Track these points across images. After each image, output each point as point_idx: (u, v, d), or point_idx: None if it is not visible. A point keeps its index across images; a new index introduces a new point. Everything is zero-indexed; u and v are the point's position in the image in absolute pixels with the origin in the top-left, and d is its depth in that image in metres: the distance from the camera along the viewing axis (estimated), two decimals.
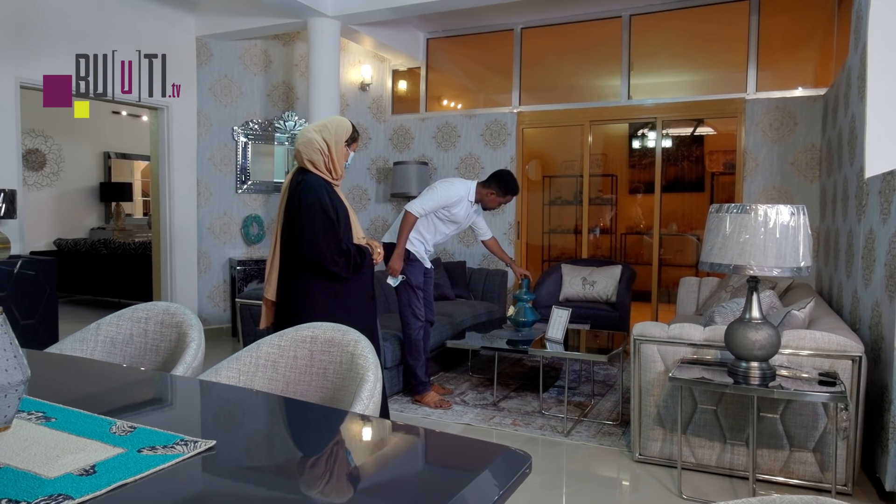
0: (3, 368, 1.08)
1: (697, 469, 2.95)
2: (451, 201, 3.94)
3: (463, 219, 4.06)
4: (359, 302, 2.79)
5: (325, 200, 2.65)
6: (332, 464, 1.18)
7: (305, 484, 1.08)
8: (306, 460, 1.19)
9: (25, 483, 0.91)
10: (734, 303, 3.31)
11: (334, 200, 2.70)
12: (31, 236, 7.25)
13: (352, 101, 6.52)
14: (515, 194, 4.08)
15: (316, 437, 1.32)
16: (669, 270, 7.19)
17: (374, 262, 2.84)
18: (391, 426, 1.45)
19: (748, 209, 2.48)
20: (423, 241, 3.98)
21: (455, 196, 3.95)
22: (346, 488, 1.06)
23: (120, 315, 2.21)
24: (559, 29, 6.07)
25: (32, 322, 4.26)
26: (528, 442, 3.38)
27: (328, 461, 1.20)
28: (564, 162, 7.90)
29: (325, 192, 2.68)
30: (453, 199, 3.94)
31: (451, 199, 3.93)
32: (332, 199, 2.69)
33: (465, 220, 4.08)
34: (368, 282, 2.84)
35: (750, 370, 2.59)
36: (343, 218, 2.71)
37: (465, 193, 3.99)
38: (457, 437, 1.29)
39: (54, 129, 8.25)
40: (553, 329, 3.91)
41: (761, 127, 5.22)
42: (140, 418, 1.22)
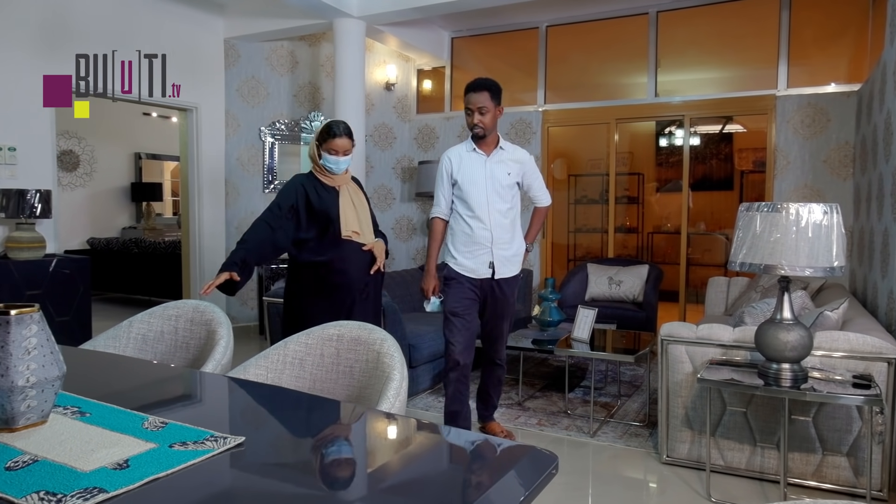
0: (41, 364, 1.11)
1: (726, 472, 2.90)
2: (447, 168, 3.11)
3: (479, 181, 3.04)
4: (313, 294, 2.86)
5: (286, 191, 2.85)
6: (358, 461, 1.19)
7: (332, 481, 1.09)
8: (333, 458, 1.20)
9: (62, 476, 0.93)
10: (765, 303, 3.25)
11: (308, 192, 2.84)
12: (66, 235, 7.43)
13: (377, 100, 6.55)
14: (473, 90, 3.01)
15: (342, 434, 1.33)
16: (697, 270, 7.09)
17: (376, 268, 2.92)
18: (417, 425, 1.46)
19: (779, 208, 2.43)
20: (455, 248, 3.11)
21: (446, 159, 3.12)
22: (372, 486, 1.06)
23: (151, 313, 2.25)
24: (585, 27, 6.02)
25: (67, 319, 4.37)
26: (554, 442, 3.36)
27: (354, 459, 1.21)
28: (590, 160, 7.84)
29: (299, 183, 2.87)
30: (446, 161, 3.12)
31: (445, 165, 3.11)
32: (308, 190, 2.85)
33: (484, 184, 3.04)
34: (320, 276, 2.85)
35: (781, 372, 2.54)
36: (316, 207, 2.82)
37: (457, 147, 3.16)
38: (483, 437, 1.29)
39: (87, 130, 8.43)
40: (579, 329, 3.88)
41: (792, 124, 5.11)
42: (171, 414, 1.24)
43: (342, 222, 2.84)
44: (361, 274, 2.89)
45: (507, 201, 3.10)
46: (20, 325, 1.10)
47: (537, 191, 3.28)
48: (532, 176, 3.22)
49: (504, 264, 3.12)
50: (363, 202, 3.00)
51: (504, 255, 3.10)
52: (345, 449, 1.25)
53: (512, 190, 3.12)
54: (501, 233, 3.08)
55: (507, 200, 3.10)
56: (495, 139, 3.11)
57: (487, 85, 3.01)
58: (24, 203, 4.23)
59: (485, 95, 2.98)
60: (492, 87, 3.01)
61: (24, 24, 4.43)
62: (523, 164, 3.16)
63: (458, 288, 3.09)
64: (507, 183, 3.09)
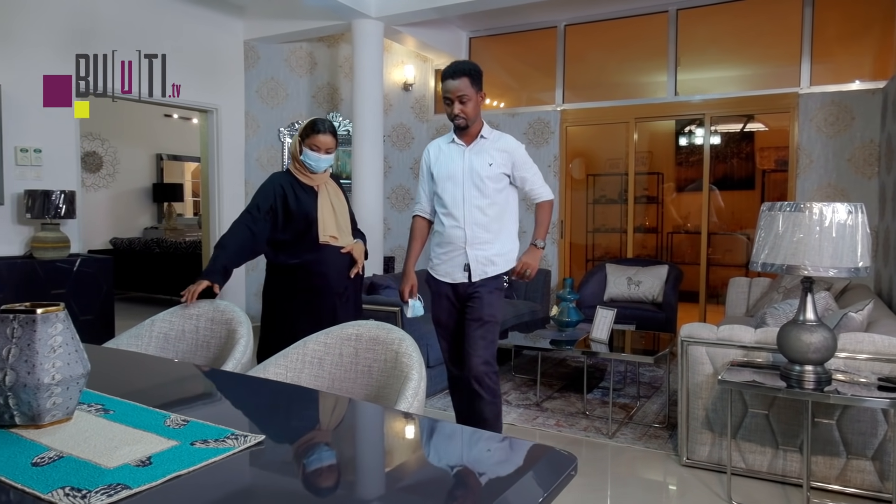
0: (66, 362, 1.13)
1: (748, 475, 2.87)
2: (426, 160, 2.88)
3: (457, 174, 2.73)
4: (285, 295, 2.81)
5: (264, 190, 2.78)
6: (376, 461, 1.20)
7: (350, 480, 1.09)
8: (351, 457, 1.20)
9: (86, 472, 0.94)
10: (787, 304, 3.20)
11: (286, 193, 2.75)
12: (89, 236, 7.54)
13: (395, 101, 6.56)
14: (451, 76, 2.70)
15: (361, 433, 1.34)
16: (718, 270, 7.01)
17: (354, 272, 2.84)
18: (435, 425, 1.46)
19: (802, 207, 2.40)
20: (432, 250, 2.88)
21: (426, 151, 2.90)
22: (390, 486, 1.07)
23: (172, 312, 2.28)
24: (604, 25, 5.98)
25: (90, 318, 4.43)
26: (572, 443, 3.34)
27: (372, 458, 1.21)
28: (609, 160, 7.78)
29: (277, 183, 2.78)
30: (425, 154, 2.90)
31: (425, 157, 2.89)
32: (286, 190, 2.76)
33: (461, 177, 2.73)
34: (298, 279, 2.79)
35: (804, 374, 2.50)
36: (293, 209, 2.74)
37: (439, 139, 2.91)
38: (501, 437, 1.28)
39: (110, 132, 8.57)
40: (597, 329, 3.86)
41: (816, 122, 5.04)
42: (192, 412, 1.26)
43: (320, 227, 2.75)
44: (341, 277, 2.80)
45: (487, 196, 2.70)
46: (46, 324, 1.12)
47: (532, 184, 2.81)
48: (523, 167, 2.77)
49: (482, 265, 2.73)
50: (343, 203, 2.90)
51: (483, 256, 2.72)
52: (363, 448, 1.26)
53: (496, 183, 2.72)
54: (479, 231, 2.71)
55: (489, 195, 2.70)
56: (479, 128, 2.77)
57: (466, 69, 2.68)
58: (49, 204, 4.31)
59: (464, 82, 2.66)
60: (471, 71, 2.68)
61: (50, 26, 4.51)
62: (510, 153, 2.74)
63: (435, 295, 2.85)
64: (489, 174, 2.70)
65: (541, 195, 2.84)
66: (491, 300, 2.73)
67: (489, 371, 2.71)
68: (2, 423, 1.12)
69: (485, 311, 2.72)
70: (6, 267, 4.10)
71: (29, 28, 4.39)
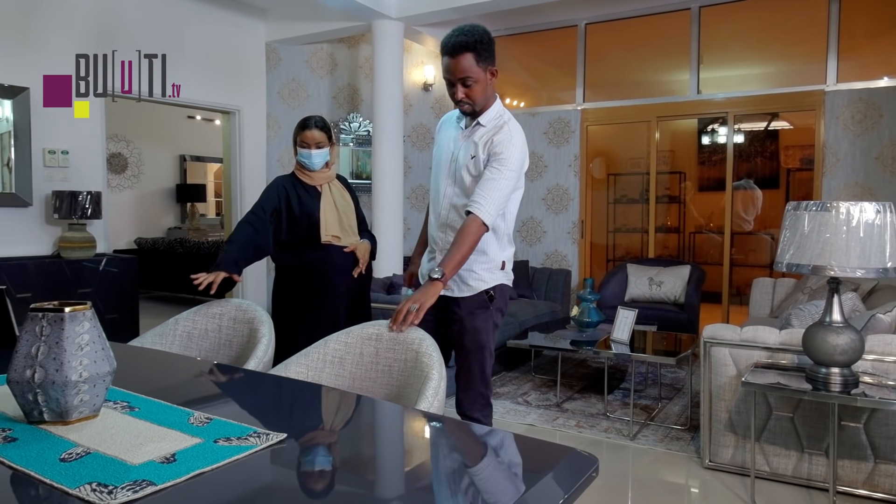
0: (93, 360, 1.15)
1: (772, 478, 2.82)
2: (435, 138, 2.42)
3: (443, 162, 2.26)
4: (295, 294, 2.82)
5: (268, 192, 2.80)
6: (396, 460, 1.20)
7: (370, 479, 1.09)
8: (371, 456, 1.21)
9: (113, 468, 0.96)
10: (813, 305, 3.15)
11: (289, 194, 2.77)
12: (114, 236, 7.67)
13: (415, 101, 6.58)
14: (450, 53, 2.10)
15: (381, 433, 1.34)
16: (741, 271, 6.91)
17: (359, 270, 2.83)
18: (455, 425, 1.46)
19: (829, 207, 2.36)
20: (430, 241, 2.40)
21: (438, 125, 2.41)
22: (409, 485, 1.07)
23: (196, 311, 2.31)
24: (625, 23, 5.93)
25: (115, 316, 4.51)
26: (593, 444, 3.32)
27: (392, 458, 1.22)
28: (630, 159, 7.72)
29: (280, 185, 2.80)
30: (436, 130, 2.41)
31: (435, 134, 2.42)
32: (289, 192, 2.78)
33: (446, 166, 2.25)
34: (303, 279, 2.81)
35: (830, 376, 2.46)
36: (296, 210, 2.76)
37: (454, 112, 2.32)
38: (522, 438, 1.28)
39: (135, 133, 8.70)
40: (619, 330, 3.83)
41: (842, 120, 4.94)
42: (215, 410, 1.27)
43: (322, 226, 2.76)
44: (343, 276, 2.80)
45: (469, 195, 2.12)
46: (74, 322, 1.14)
47: (481, 188, 2.07)
48: (492, 162, 2.10)
49: (459, 278, 2.17)
50: (348, 202, 2.88)
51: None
52: (383, 447, 1.26)
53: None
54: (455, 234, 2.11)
55: (470, 194, 2.12)
56: (488, 110, 2.19)
57: (469, 44, 2.06)
58: (75, 204, 4.39)
59: (467, 60, 2.07)
60: (476, 45, 2.07)
61: (76, 30, 4.59)
62: (493, 144, 2.13)
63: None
64: (472, 170, 2.16)
65: (476, 208, 2.04)
66: (474, 324, 2.17)
67: (476, 404, 2.21)
68: (31, 419, 1.14)
69: (466, 338, 2.17)
70: (35, 266, 4.18)
71: (54, 32, 4.47)
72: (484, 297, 2.19)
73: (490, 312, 2.20)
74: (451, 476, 1.09)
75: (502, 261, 2.23)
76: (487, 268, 2.19)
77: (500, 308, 2.24)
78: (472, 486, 1.05)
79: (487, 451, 1.21)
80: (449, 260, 2.00)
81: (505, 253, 2.24)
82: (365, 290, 2.94)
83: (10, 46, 4.24)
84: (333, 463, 1.13)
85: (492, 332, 2.21)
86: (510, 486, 1.04)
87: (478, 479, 1.08)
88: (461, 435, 1.31)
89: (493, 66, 2.14)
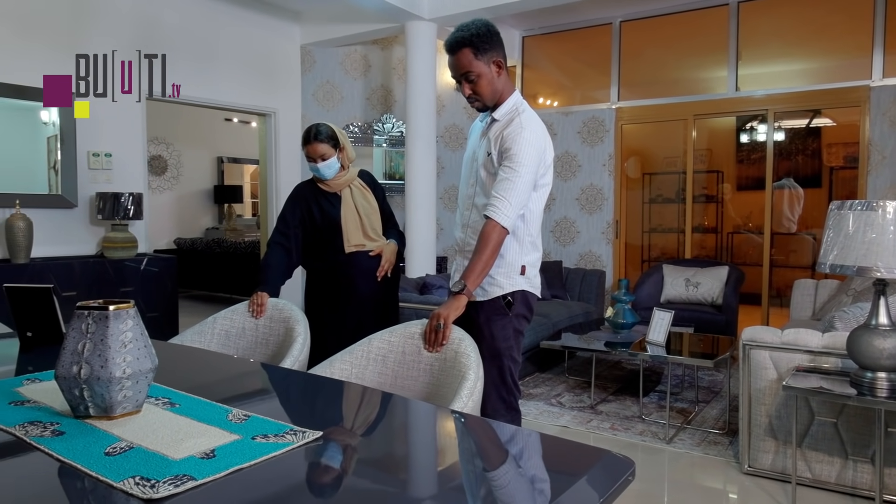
0: (136, 357, 1.18)
1: (814, 485, 2.75)
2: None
3: (467, 161, 2.26)
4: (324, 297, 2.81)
5: (289, 204, 2.81)
6: (428, 460, 1.20)
7: (404, 478, 1.10)
8: (404, 455, 1.21)
9: (154, 463, 0.98)
10: (857, 307, 3.06)
11: (310, 204, 2.77)
12: (155, 236, 7.87)
13: (448, 101, 6.59)
14: (450, 52, 2.11)
15: (414, 433, 1.35)
16: (781, 272, 6.75)
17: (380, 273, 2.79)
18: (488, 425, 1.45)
19: (875, 206, 2.28)
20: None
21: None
22: (442, 485, 1.07)
23: (233, 310, 2.36)
24: (660, 21, 5.84)
25: (156, 315, 4.62)
26: (628, 447, 3.28)
27: (425, 457, 1.22)
28: (666, 158, 7.60)
29: (300, 194, 2.81)
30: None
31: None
32: (310, 201, 2.77)
33: (469, 165, 2.24)
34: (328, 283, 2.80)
35: (876, 381, 2.38)
36: (318, 220, 2.75)
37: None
38: (556, 440, 1.26)
39: (174, 136, 8.91)
40: (654, 331, 3.77)
41: (889, 116, 4.79)
42: (253, 407, 1.30)
43: (344, 237, 2.73)
44: (369, 281, 2.76)
45: (488, 195, 2.06)
46: (118, 320, 1.18)
47: (497, 191, 2.01)
48: (505, 160, 2.03)
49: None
50: (370, 203, 2.80)
51: None
52: (416, 447, 1.27)
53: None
54: (474, 238, 2.07)
55: (490, 194, 2.05)
56: (503, 104, 2.13)
57: (465, 39, 2.04)
58: (118, 206, 4.52)
59: (465, 55, 2.05)
60: (472, 39, 2.04)
61: (116, 34, 4.71)
62: (503, 139, 2.05)
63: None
64: (489, 168, 2.09)
65: (492, 211, 1.99)
66: (493, 331, 2.09)
67: (498, 410, 2.13)
68: (77, 414, 1.18)
69: (483, 344, 2.03)
70: (80, 266, 4.31)
71: (97, 36, 4.60)
72: (500, 302, 2.10)
73: (509, 319, 2.10)
74: (484, 477, 1.09)
75: (522, 265, 2.11)
76: (505, 272, 2.09)
77: (522, 314, 2.14)
78: (504, 488, 1.04)
79: (520, 452, 1.21)
80: (470, 271, 1.96)
81: (526, 257, 2.12)
82: (392, 292, 2.89)
83: (57, 52, 4.38)
84: (367, 462, 1.14)
85: (512, 338, 2.12)
86: (544, 488, 1.04)
87: (511, 480, 1.08)
88: (494, 436, 1.31)
89: (496, 58, 2.09)
